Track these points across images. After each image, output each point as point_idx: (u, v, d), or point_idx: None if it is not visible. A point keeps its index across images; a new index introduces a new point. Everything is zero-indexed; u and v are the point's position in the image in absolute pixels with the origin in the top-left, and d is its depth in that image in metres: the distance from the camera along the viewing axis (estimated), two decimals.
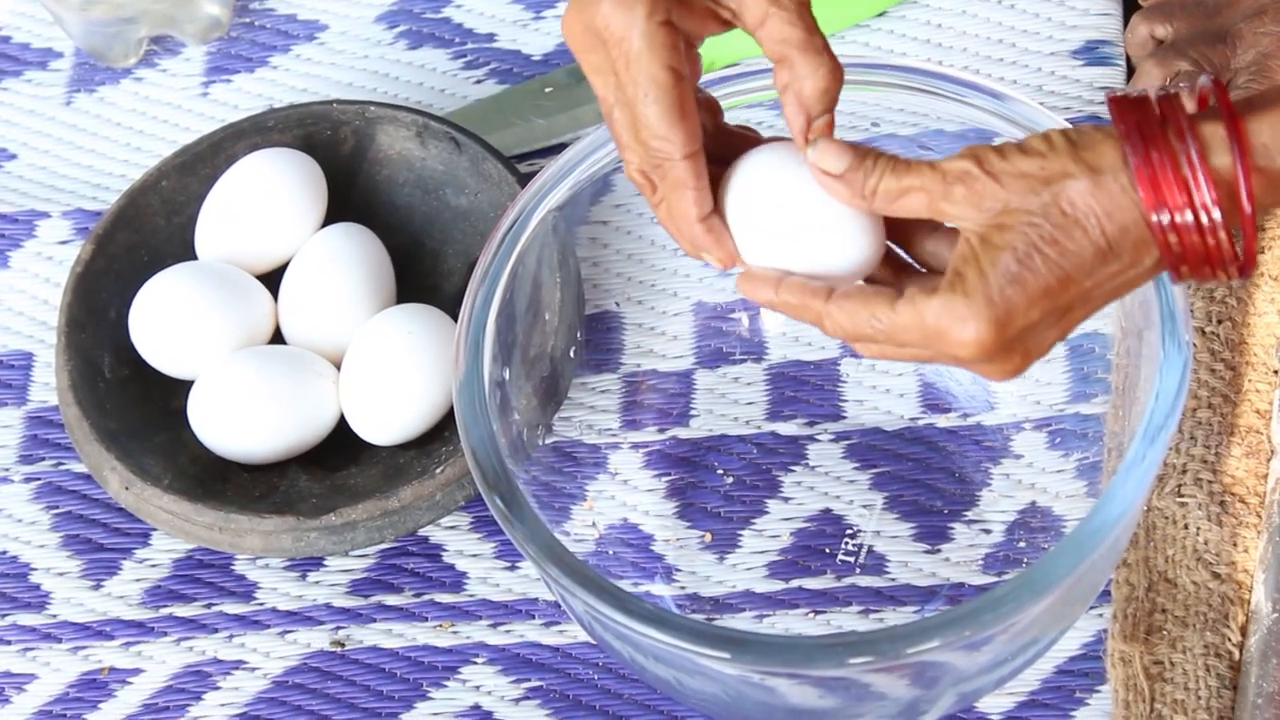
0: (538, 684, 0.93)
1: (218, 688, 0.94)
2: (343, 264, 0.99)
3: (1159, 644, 0.89)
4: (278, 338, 1.00)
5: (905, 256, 0.78)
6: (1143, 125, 0.70)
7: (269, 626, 0.95)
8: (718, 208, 0.77)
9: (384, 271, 1.00)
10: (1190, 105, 0.72)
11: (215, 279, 0.98)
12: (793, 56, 0.74)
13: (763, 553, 0.95)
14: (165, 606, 0.97)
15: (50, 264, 1.08)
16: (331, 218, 1.02)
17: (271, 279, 1.01)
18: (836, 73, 0.75)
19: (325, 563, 0.97)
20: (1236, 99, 0.71)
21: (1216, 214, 0.69)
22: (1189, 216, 0.69)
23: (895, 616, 0.92)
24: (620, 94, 0.75)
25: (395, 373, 0.95)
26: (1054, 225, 0.70)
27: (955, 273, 0.71)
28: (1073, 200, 0.70)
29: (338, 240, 0.99)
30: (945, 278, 0.72)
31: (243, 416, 0.95)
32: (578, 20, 0.75)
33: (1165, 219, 0.69)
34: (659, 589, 0.94)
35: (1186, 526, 0.91)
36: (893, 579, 0.93)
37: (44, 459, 1.02)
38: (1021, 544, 0.93)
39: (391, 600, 0.96)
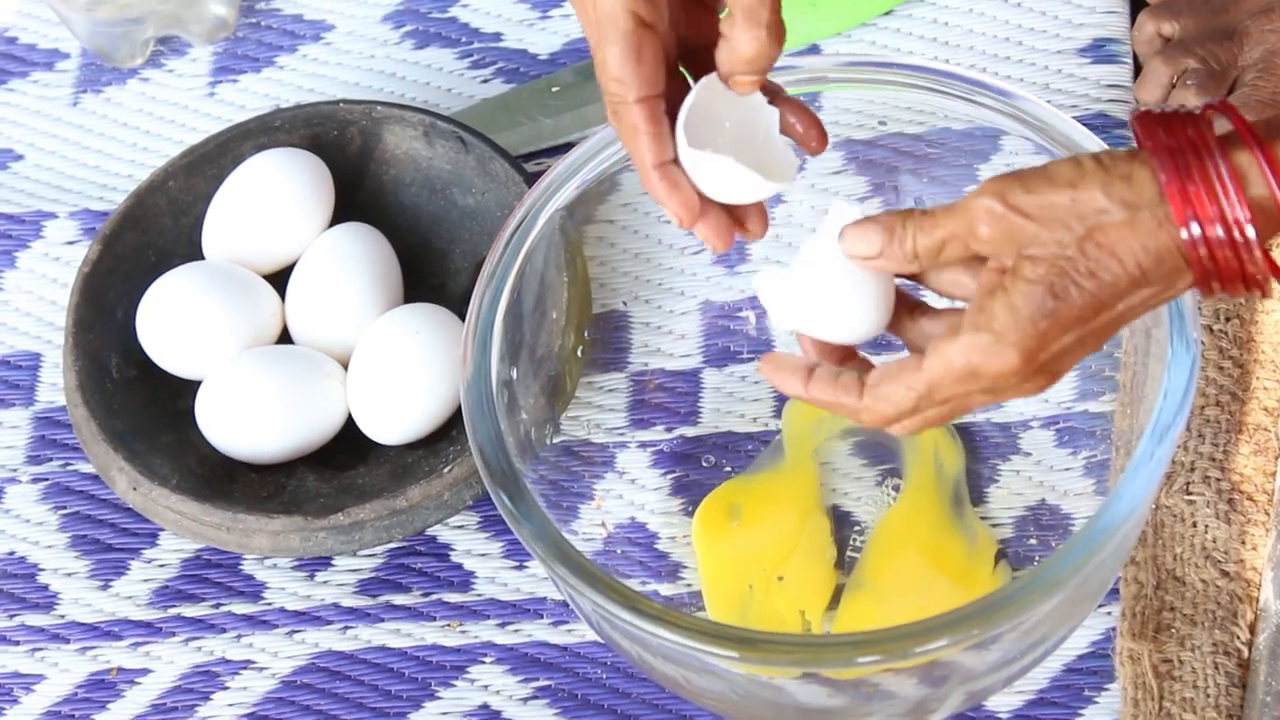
0: (546, 683, 0.93)
1: (226, 688, 0.94)
2: (350, 264, 0.99)
3: (1168, 642, 0.89)
4: (285, 338, 1.00)
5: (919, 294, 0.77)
6: (1173, 149, 0.68)
7: (277, 626, 0.95)
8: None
9: (391, 271, 1.00)
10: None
11: (222, 279, 0.98)
12: (738, 19, 0.74)
13: None
14: (173, 606, 0.97)
15: (57, 265, 1.08)
16: (338, 217, 1.02)
17: (279, 279, 1.01)
18: (768, 48, 0.75)
19: (333, 562, 0.97)
20: (1255, 121, 0.69)
21: (1250, 231, 0.68)
22: (1219, 231, 0.68)
23: None
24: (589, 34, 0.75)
25: (403, 372, 0.95)
26: (1089, 259, 0.69)
27: (979, 309, 0.70)
28: (1107, 234, 0.68)
29: (345, 240, 0.99)
30: (969, 314, 0.71)
31: (251, 416, 0.95)
32: None
33: (1197, 232, 0.68)
34: (667, 588, 0.93)
35: (1195, 524, 0.91)
36: None
37: (52, 459, 1.02)
38: (1030, 541, 0.93)
39: (399, 600, 0.96)
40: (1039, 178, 0.69)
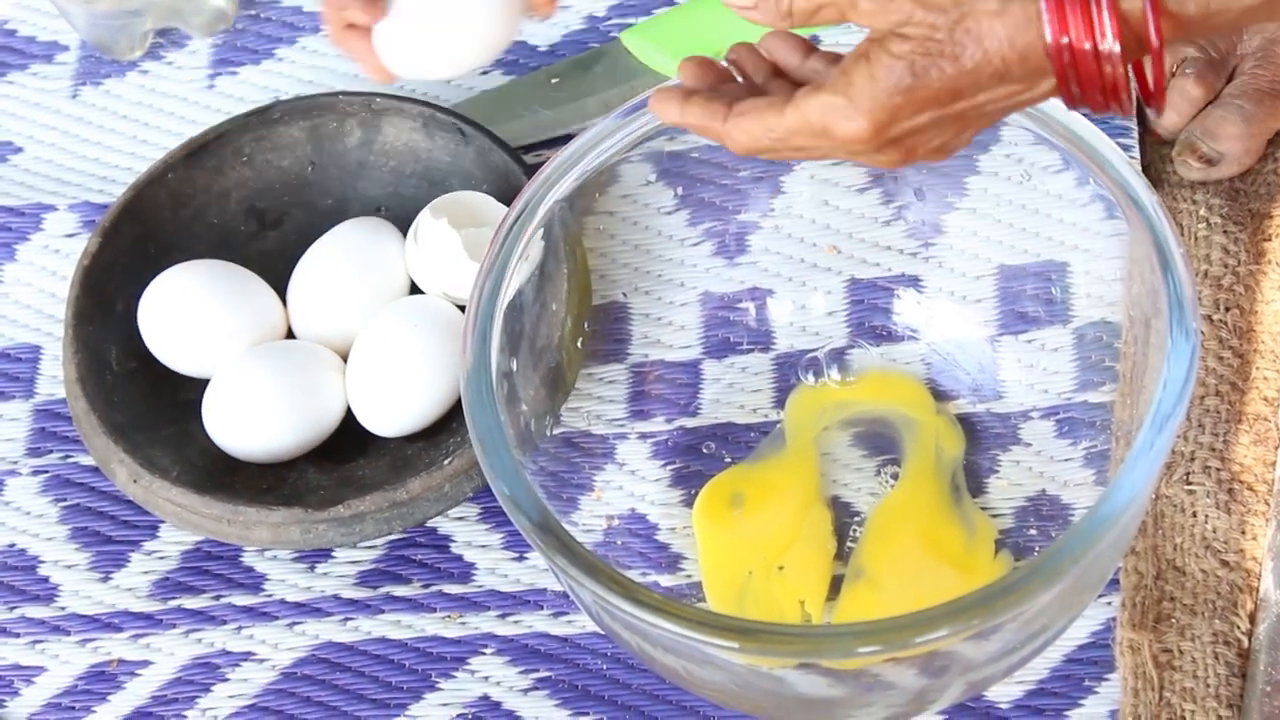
0: (546, 674, 0.93)
1: (226, 679, 0.94)
2: (351, 256, 0.99)
3: (1168, 632, 0.89)
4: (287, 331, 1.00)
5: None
6: None
7: (277, 618, 0.96)
8: None
9: (392, 263, 1.00)
10: None
11: (224, 276, 0.98)
12: None
13: None
14: (173, 598, 0.97)
15: (57, 257, 1.08)
16: (338, 210, 1.02)
17: (280, 273, 1.01)
18: None
19: (333, 554, 0.97)
20: None
21: (1115, 46, 0.69)
22: (1087, 46, 0.69)
23: None
24: None
25: (403, 364, 0.95)
26: (954, 43, 0.70)
27: (843, 71, 0.73)
28: (978, 21, 0.70)
29: (345, 232, 1.00)
30: (834, 75, 0.73)
31: (255, 416, 0.95)
32: None
33: (1065, 42, 0.69)
34: (667, 579, 0.94)
35: (1195, 514, 0.91)
36: None
37: (52, 452, 1.02)
38: (1030, 532, 0.93)
39: (400, 591, 0.96)
40: None
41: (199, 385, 0.98)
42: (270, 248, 1.03)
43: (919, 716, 0.88)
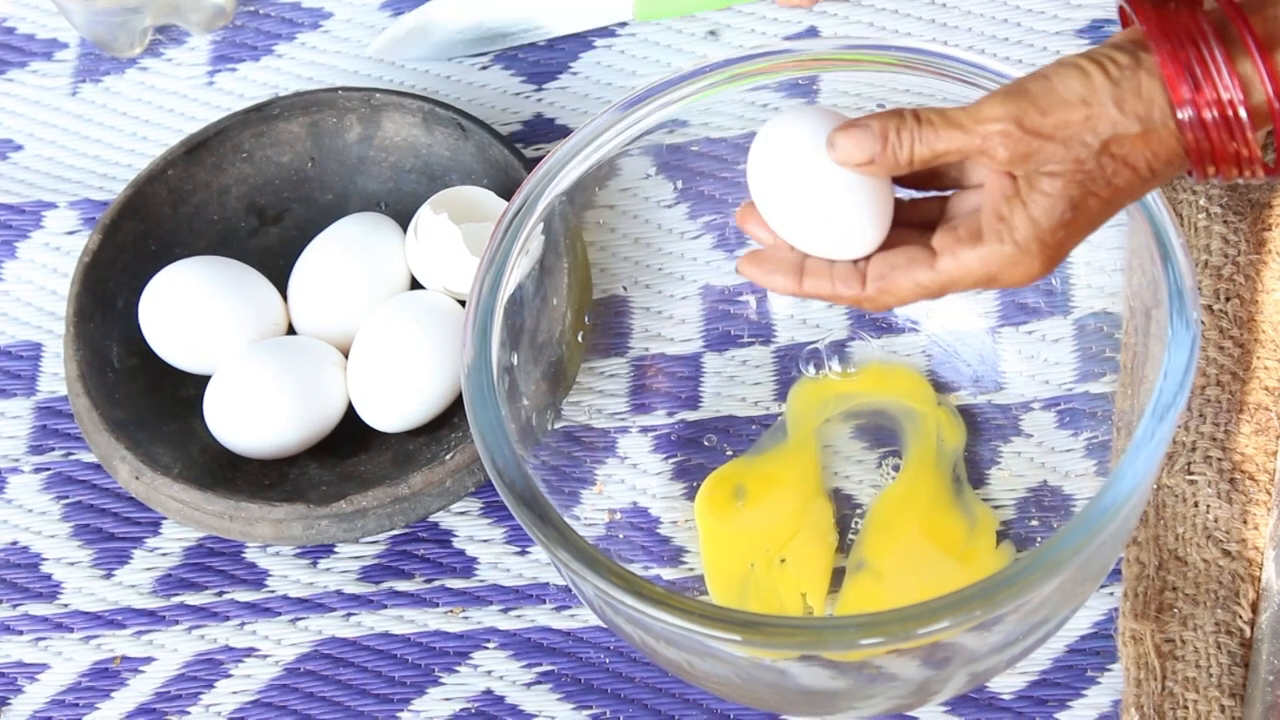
0: (549, 668, 0.93)
1: (230, 675, 0.94)
2: (351, 251, 0.99)
3: (1170, 622, 0.89)
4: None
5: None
6: (1171, 39, 0.70)
7: (280, 614, 0.96)
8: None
9: (392, 258, 1.00)
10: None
11: (226, 273, 0.98)
12: None
13: None
14: (176, 595, 0.97)
15: (58, 254, 1.08)
16: (339, 205, 1.02)
17: (281, 269, 1.01)
18: None
19: (336, 550, 0.97)
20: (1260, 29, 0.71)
21: (1243, 113, 0.70)
22: (1214, 113, 0.70)
23: None
24: None
25: (404, 360, 0.95)
26: (1102, 169, 0.71)
27: (999, 216, 0.73)
28: (1122, 145, 0.71)
29: (346, 227, 1.00)
30: (988, 221, 0.73)
31: (257, 414, 0.95)
32: None
33: (1191, 115, 0.70)
34: (669, 572, 0.94)
35: (1196, 504, 0.91)
36: None
37: (54, 449, 1.02)
38: (1032, 523, 0.93)
39: (402, 586, 0.96)
40: (1050, 97, 0.71)
41: (200, 382, 0.98)
42: (270, 244, 1.03)
43: (922, 708, 0.88)
